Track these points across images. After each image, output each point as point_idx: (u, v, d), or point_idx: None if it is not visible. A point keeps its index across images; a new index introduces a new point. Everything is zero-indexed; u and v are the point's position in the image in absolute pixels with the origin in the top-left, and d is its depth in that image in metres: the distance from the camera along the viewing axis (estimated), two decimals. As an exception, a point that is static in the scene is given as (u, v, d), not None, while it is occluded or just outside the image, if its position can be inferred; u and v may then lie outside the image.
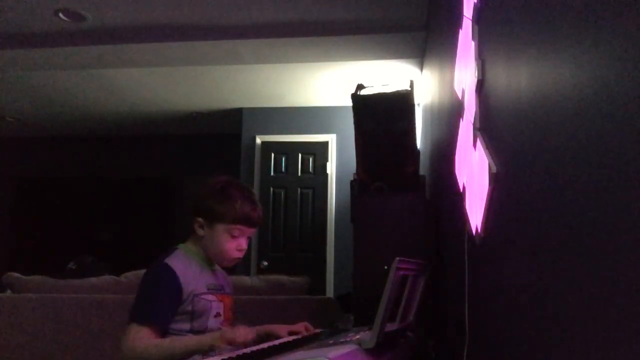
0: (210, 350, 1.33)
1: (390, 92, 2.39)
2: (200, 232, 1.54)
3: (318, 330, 1.62)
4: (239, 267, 1.69)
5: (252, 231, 1.59)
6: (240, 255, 1.58)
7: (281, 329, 1.61)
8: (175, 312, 1.44)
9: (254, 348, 1.30)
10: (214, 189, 1.57)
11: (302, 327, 1.60)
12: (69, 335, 2.67)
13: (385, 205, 2.33)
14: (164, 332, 1.42)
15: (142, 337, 1.37)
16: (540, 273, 0.74)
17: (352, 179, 2.65)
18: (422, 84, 3.90)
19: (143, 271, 1.55)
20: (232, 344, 1.34)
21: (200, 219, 1.54)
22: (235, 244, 1.55)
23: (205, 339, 1.38)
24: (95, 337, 2.65)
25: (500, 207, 1.00)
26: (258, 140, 5.21)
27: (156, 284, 1.47)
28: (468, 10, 1.36)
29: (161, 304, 1.43)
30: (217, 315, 1.52)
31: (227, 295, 1.60)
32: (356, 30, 3.53)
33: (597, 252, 0.54)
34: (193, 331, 1.46)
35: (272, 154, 5.17)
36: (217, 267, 1.63)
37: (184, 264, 1.49)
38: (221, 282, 1.60)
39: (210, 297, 1.50)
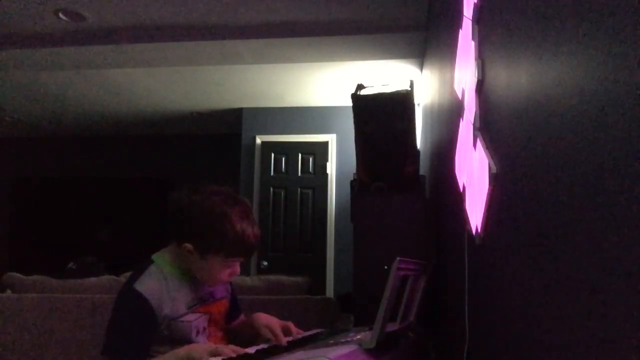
0: None
1: (390, 92, 2.39)
2: (189, 257, 1.34)
3: (302, 334, 1.48)
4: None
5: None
6: (231, 279, 1.43)
7: (261, 323, 1.45)
8: (151, 339, 1.31)
9: (253, 348, 1.30)
10: (209, 211, 1.32)
11: (281, 326, 1.43)
12: (69, 335, 2.67)
13: (385, 205, 2.33)
14: None
15: None
16: (540, 273, 0.74)
17: (352, 179, 2.65)
18: (422, 84, 3.90)
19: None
20: None
21: (189, 246, 1.32)
22: (228, 271, 1.38)
23: (180, 354, 1.23)
24: (95, 337, 2.65)
25: (500, 207, 1.00)
26: (258, 140, 5.21)
27: (126, 315, 1.32)
28: (468, 10, 1.36)
29: (133, 337, 1.29)
30: (203, 330, 1.39)
31: (218, 301, 1.47)
32: (356, 30, 3.53)
33: (597, 252, 0.54)
34: None
35: (272, 154, 5.17)
36: None
37: (158, 285, 1.32)
38: (210, 290, 1.45)
39: (190, 317, 1.35)
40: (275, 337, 1.40)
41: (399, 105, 2.37)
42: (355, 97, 2.42)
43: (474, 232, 1.20)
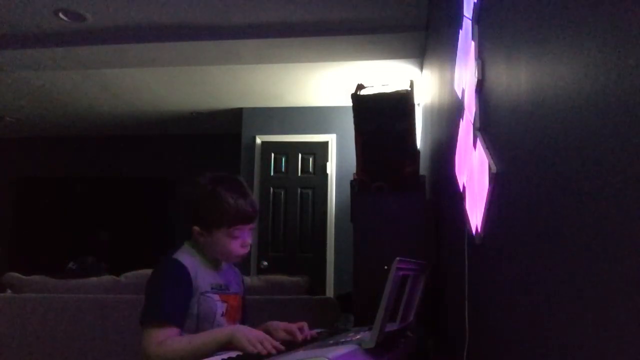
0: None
1: (390, 92, 2.39)
2: (201, 239, 1.49)
3: (314, 332, 1.54)
4: (238, 267, 1.66)
5: (252, 226, 1.53)
6: (245, 250, 1.54)
7: (278, 326, 1.54)
8: (187, 309, 1.39)
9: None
10: (202, 193, 1.50)
11: (296, 327, 1.50)
12: (69, 335, 2.67)
13: (385, 205, 2.33)
14: (180, 331, 1.37)
15: (166, 338, 1.31)
16: (540, 273, 0.74)
17: (352, 179, 2.65)
18: (422, 84, 3.90)
19: (143, 271, 1.53)
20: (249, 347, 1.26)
21: (197, 228, 1.49)
22: (238, 242, 1.51)
23: (225, 333, 1.33)
24: (96, 337, 2.65)
25: (500, 207, 1.00)
26: (258, 140, 5.21)
27: (169, 280, 1.42)
28: (468, 10, 1.36)
29: (176, 301, 1.38)
30: (222, 314, 1.47)
31: (234, 295, 1.55)
32: (356, 30, 3.53)
33: (597, 252, 0.54)
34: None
35: (272, 154, 5.17)
36: (224, 265, 1.58)
37: (192, 259, 1.46)
38: (227, 282, 1.55)
39: (214, 296, 1.45)
40: (292, 335, 1.48)
41: (399, 105, 2.37)
42: (355, 97, 2.42)
43: (474, 232, 1.20)
